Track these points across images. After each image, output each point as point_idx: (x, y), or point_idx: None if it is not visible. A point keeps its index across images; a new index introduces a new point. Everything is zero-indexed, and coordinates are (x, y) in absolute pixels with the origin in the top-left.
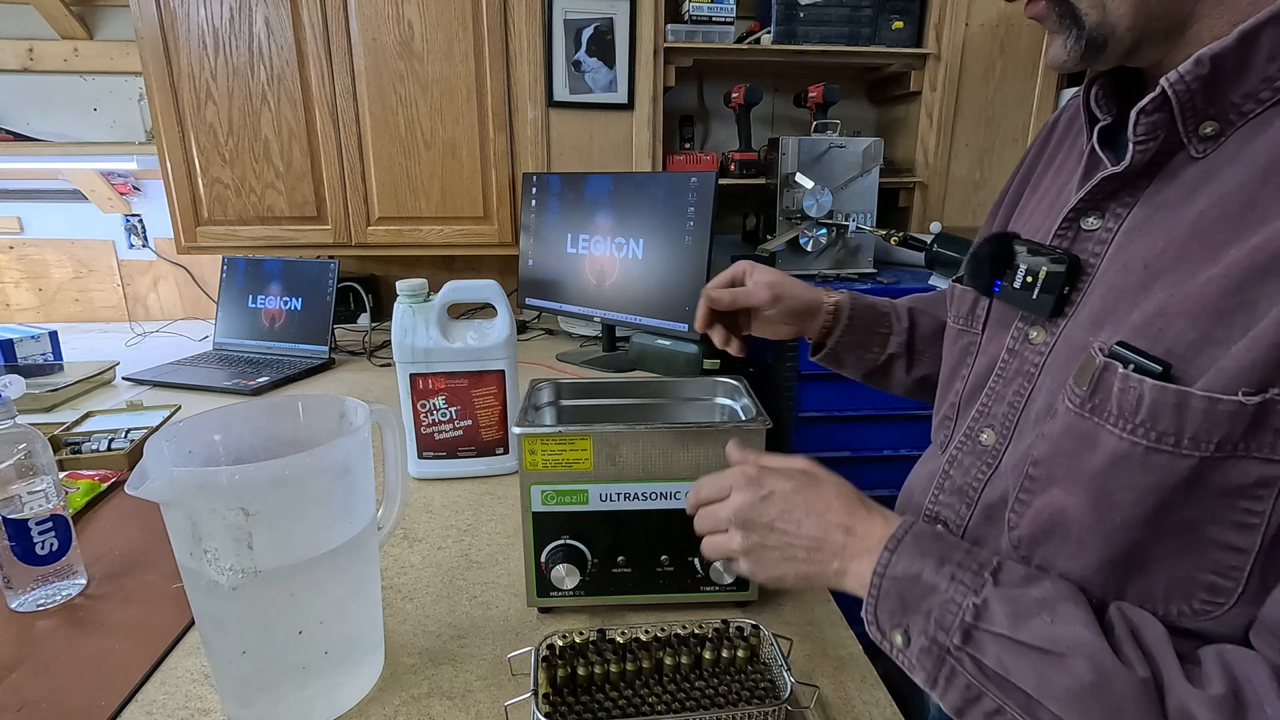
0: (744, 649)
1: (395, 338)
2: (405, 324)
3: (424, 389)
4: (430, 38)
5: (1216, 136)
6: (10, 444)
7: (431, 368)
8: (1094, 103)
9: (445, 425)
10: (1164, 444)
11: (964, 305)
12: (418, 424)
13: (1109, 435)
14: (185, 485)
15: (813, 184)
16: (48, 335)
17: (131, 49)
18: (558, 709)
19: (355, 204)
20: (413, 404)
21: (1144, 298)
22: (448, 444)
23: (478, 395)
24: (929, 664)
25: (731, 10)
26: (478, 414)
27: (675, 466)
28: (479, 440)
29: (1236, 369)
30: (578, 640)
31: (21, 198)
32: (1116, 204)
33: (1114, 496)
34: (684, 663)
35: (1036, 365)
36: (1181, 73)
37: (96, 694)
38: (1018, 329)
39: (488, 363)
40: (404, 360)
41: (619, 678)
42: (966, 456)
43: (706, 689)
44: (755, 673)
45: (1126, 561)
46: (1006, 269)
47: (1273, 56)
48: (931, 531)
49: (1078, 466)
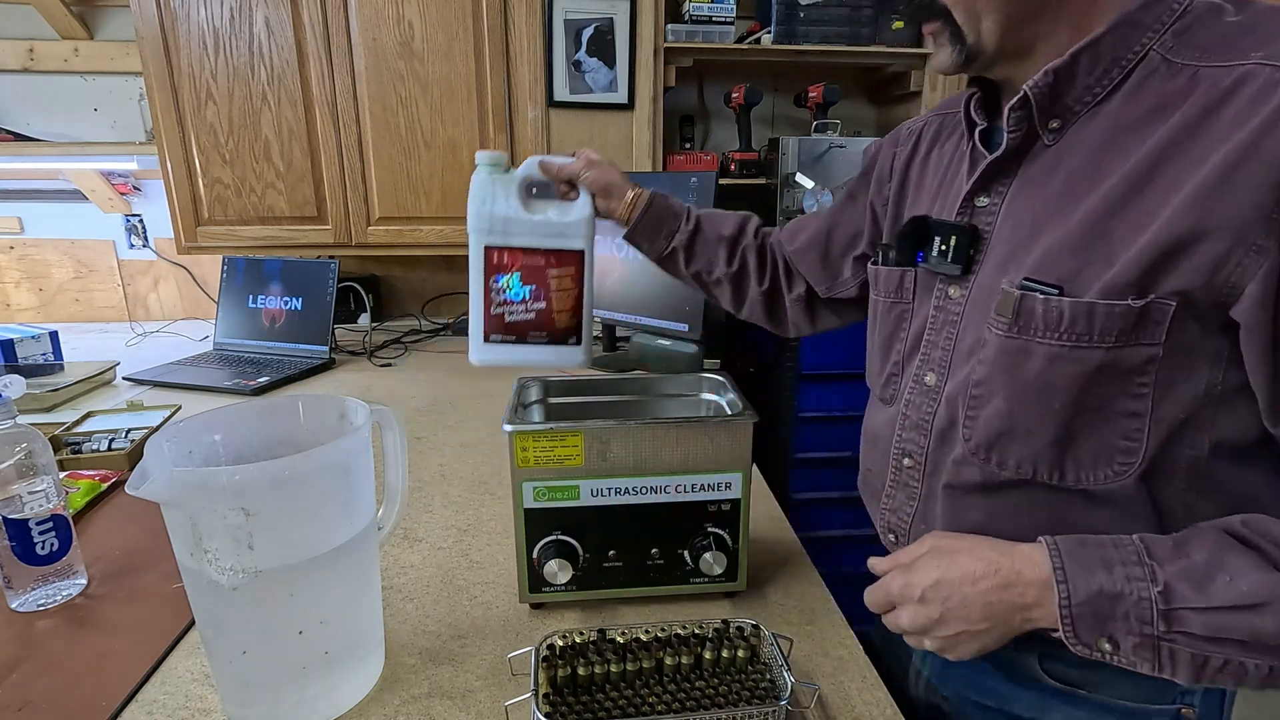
0: (744, 649)
1: (473, 206)
2: (484, 191)
3: (498, 263)
4: (430, 38)
5: (1060, 129)
6: (11, 444)
7: (508, 240)
8: (973, 112)
9: (517, 306)
10: (1082, 341)
11: (892, 281)
12: (487, 303)
13: (1039, 346)
14: (185, 485)
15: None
16: (48, 335)
17: (132, 49)
18: (558, 709)
19: (355, 204)
20: (485, 280)
21: (1034, 245)
22: (518, 327)
23: (554, 276)
24: (1148, 654)
25: (731, 10)
26: (553, 297)
27: (665, 461)
28: (551, 326)
29: (1123, 283)
30: (578, 640)
31: (22, 198)
32: (998, 184)
33: (1053, 387)
34: (684, 662)
35: (958, 314)
36: (1036, 81)
37: (96, 694)
38: (939, 290)
39: (568, 240)
40: (480, 229)
41: (619, 678)
42: (917, 397)
43: (707, 689)
44: (755, 673)
45: (1065, 439)
46: (926, 244)
47: (1090, 70)
48: (1071, 540)
49: (1017, 375)
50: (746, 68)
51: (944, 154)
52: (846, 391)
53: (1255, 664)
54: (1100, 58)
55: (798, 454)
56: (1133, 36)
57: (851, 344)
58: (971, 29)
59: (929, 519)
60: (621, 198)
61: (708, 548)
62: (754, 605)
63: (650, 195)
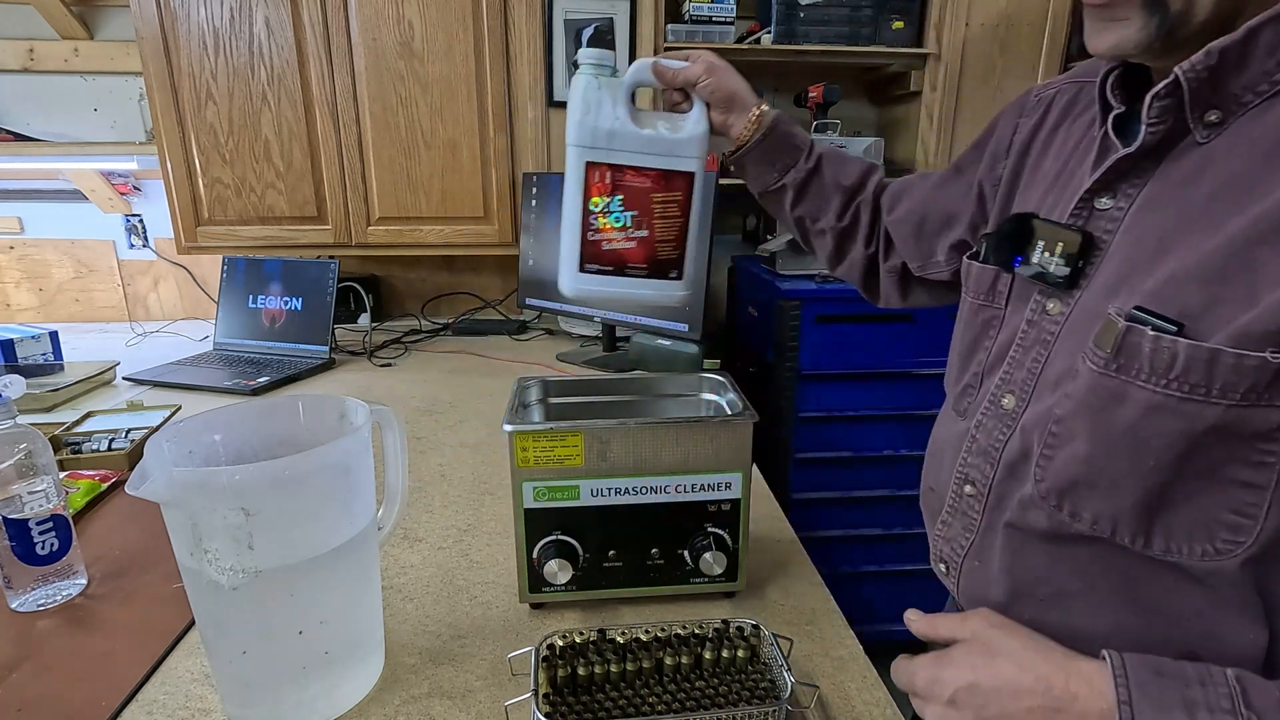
0: (744, 649)
1: (574, 115)
2: (589, 98)
3: (600, 183)
4: (430, 38)
5: (1219, 124)
6: (11, 444)
7: (612, 157)
8: (1109, 92)
9: (617, 234)
10: (1196, 394)
11: (984, 282)
12: (585, 227)
13: (1139, 390)
14: (185, 485)
15: None
16: (48, 335)
17: (132, 49)
18: (558, 709)
19: (355, 204)
20: (583, 201)
21: (1157, 267)
22: (616, 257)
23: (659, 201)
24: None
25: (731, 10)
26: (656, 224)
27: (665, 461)
28: (653, 257)
29: (1263, 331)
30: (578, 640)
31: (22, 198)
32: (1127, 185)
33: (1148, 443)
34: (684, 662)
35: (1053, 334)
36: (1193, 62)
37: (96, 694)
38: (1035, 301)
39: (679, 160)
40: (582, 143)
41: (619, 678)
42: (989, 420)
43: (706, 689)
44: (755, 673)
45: (1156, 502)
46: (1026, 246)
47: (1270, 52)
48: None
49: (1107, 420)
50: (746, 68)
51: (1072, 133)
52: (846, 391)
53: None
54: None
55: (798, 454)
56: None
57: (851, 344)
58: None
59: (985, 557)
60: (744, 113)
61: (708, 548)
62: (754, 605)
63: (775, 117)
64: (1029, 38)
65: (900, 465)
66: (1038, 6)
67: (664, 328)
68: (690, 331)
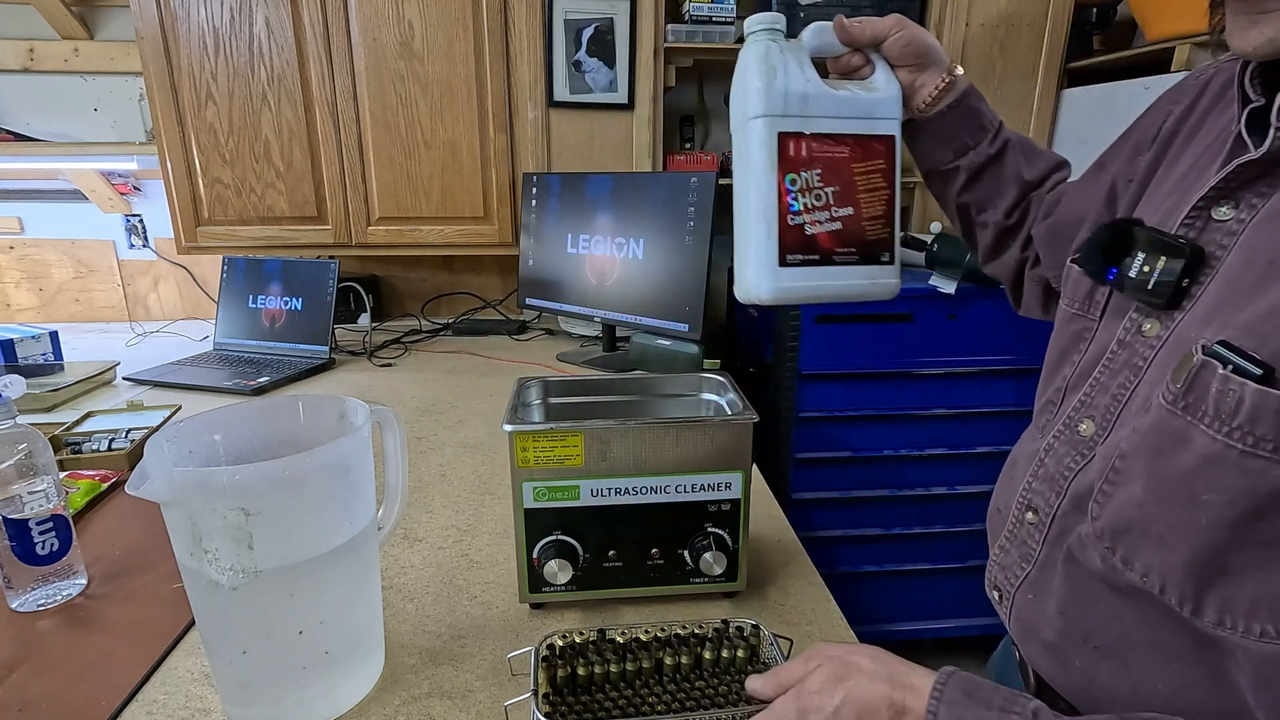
0: (744, 649)
1: (758, 82)
2: (772, 61)
3: (797, 156)
4: (430, 38)
5: None
6: (11, 444)
7: (808, 125)
8: (1248, 82)
9: (820, 214)
10: (1261, 449)
11: (1081, 289)
12: (783, 211)
13: (1202, 436)
14: (185, 485)
15: None
16: (48, 335)
17: (132, 49)
18: (557, 709)
19: (355, 204)
20: (779, 180)
21: (1259, 295)
22: (823, 242)
23: (861, 172)
24: None
25: (732, 10)
26: (860, 199)
27: (665, 461)
28: (861, 238)
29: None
30: (578, 640)
31: (22, 198)
32: (1253, 194)
33: (1201, 497)
34: (684, 662)
35: (1145, 359)
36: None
37: (96, 694)
38: (1131, 319)
39: (877, 123)
40: (772, 110)
41: (619, 677)
42: (1062, 445)
43: (706, 689)
44: (755, 673)
45: (1210, 567)
46: (1124, 256)
47: None
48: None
49: (1166, 464)
50: None
51: (1216, 124)
52: (846, 391)
53: None
54: None
55: (798, 454)
56: None
57: (851, 344)
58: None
59: (1041, 591)
60: (936, 73)
61: (708, 548)
62: (754, 605)
63: (967, 85)
64: (1029, 38)
65: (900, 465)
66: (1038, 6)
67: (664, 328)
68: (690, 331)
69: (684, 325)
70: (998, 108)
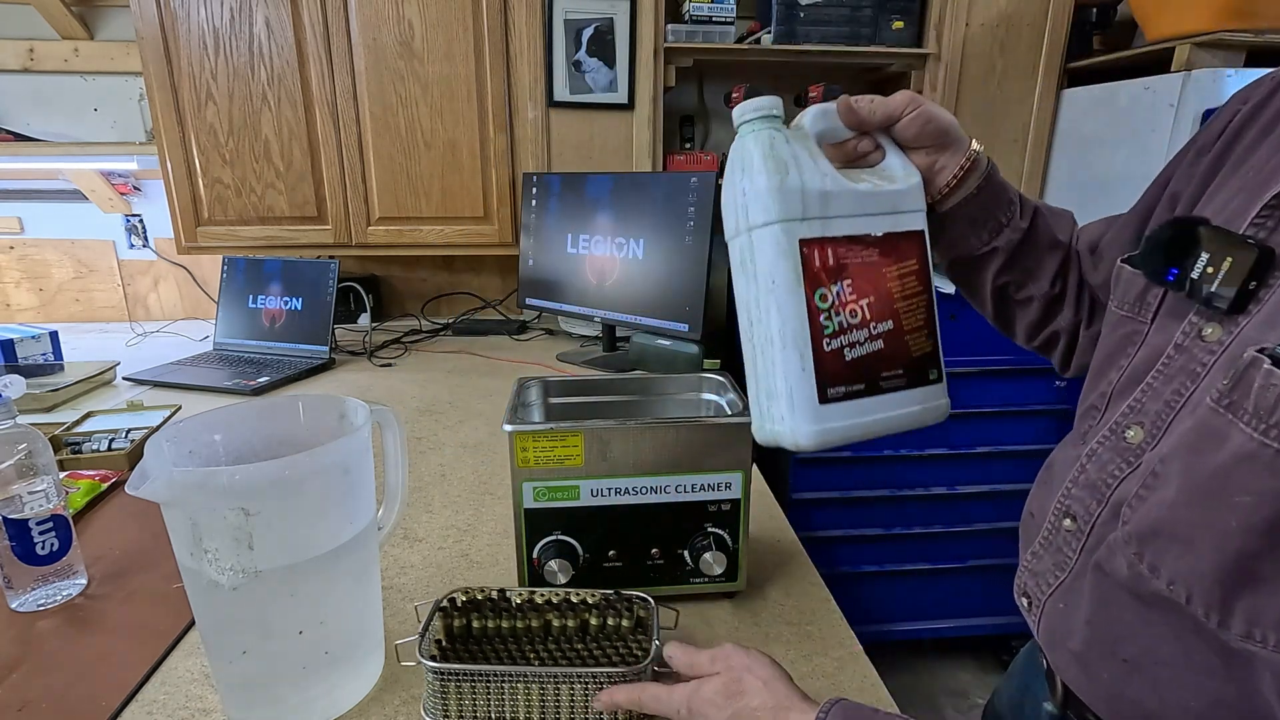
0: (629, 619)
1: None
2: (780, 155)
3: (824, 266)
4: (430, 38)
5: None
6: (11, 444)
7: (830, 228)
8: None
9: (858, 331)
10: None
11: (1132, 290)
12: (816, 334)
13: (1239, 433)
14: (185, 485)
15: None
16: (48, 335)
17: (132, 49)
18: (445, 652)
19: (355, 204)
20: (808, 298)
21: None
22: (866, 367)
23: (896, 275)
24: None
25: (732, 10)
26: (899, 310)
27: (665, 461)
28: (906, 355)
29: None
30: (479, 597)
31: (22, 198)
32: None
33: (1231, 499)
34: (570, 625)
35: (1204, 365)
36: None
37: (96, 694)
38: (1190, 323)
39: (905, 218)
40: (790, 215)
41: (509, 633)
42: (1107, 452)
43: (584, 650)
44: (635, 640)
45: (1238, 574)
46: (1185, 256)
47: None
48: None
49: (1201, 463)
50: (746, 68)
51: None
52: None
53: None
54: None
55: (797, 454)
56: None
57: None
58: None
59: (1072, 601)
60: (957, 154)
61: (708, 548)
62: (754, 605)
63: (989, 163)
64: (1029, 38)
65: (900, 465)
66: (1038, 6)
67: (664, 328)
68: (690, 331)
69: (684, 325)
70: (998, 107)
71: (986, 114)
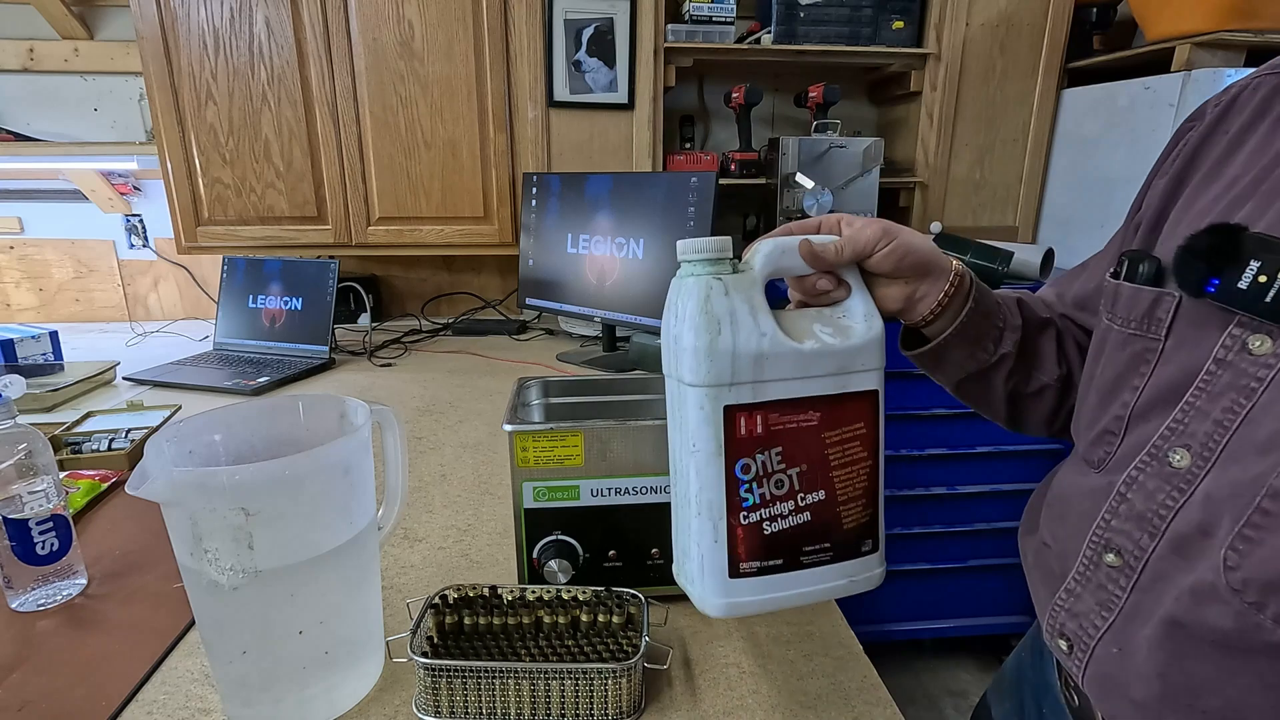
0: (619, 615)
1: (692, 340)
2: (715, 310)
3: (750, 435)
4: (430, 38)
5: None
6: (11, 444)
7: (763, 392)
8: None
9: (783, 504)
10: None
11: (1137, 307)
12: (733, 507)
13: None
14: (185, 485)
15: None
16: (48, 335)
17: (132, 49)
18: (435, 649)
19: (355, 204)
20: (725, 469)
21: None
22: (786, 542)
23: (835, 442)
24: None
25: (731, 10)
26: (835, 477)
27: (665, 461)
28: (837, 528)
29: None
30: (470, 594)
31: (22, 198)
32: None
33: None
34: (561, 622)
35: (1261, 380)
36: None
37: (96, 694)
38: (1233, 336)
39: (855, 377)
40: (718, 381)
41: (500, 630)
42: (1150, 479)
43: (574, 646)
44: (625, 637)
45: None
46: (1230, 265)
47: None
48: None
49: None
50: (746, 68)
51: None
52: None
53: None
54: None
55: None
56: None
57: None
58: None
59: (1128, 646)
60: (938, 280)
61: None
62: None
63: (972, 279)
64: (1029, 38)
65: (900, 466)
66: (1038, 6)
67: None
68: None
69: None
70: (998, 107)
71: (986, 114)
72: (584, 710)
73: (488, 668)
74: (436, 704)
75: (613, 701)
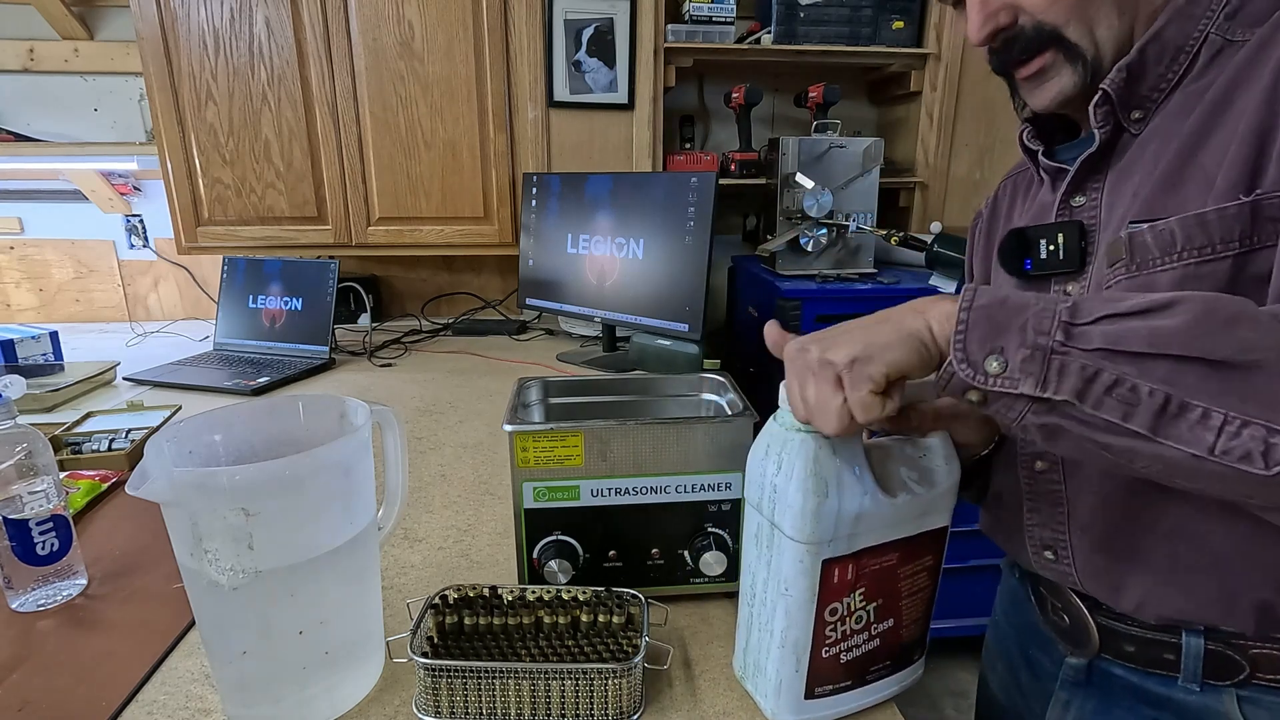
0: (620, 615)
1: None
2: (822, 472)
3: (842, 582)
4: (430, 38)
5: (1143, 119)
6: (11, 444)
7: (854, 544)
8: (1027, 141)
9: (859, 635)
10: (1205, 254)
11: None
12: (817, 644)
13: (1162, 275)
14: (185, 485)
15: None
16: (48, 335)
17: (132, 49)
18: (436, 649)
19: (355, 204)
20: (817, 613)
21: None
22: (857, 665)
23: (908, 575)
24: (1034, 369)
25: (731, 10)
26: (903, 606)
27: (665, 461)
28: (896, 647)
29: (1226, 187)
30: (470, 594)
31: (22, 198)
32: (1091, 182)
33: None
34: (561, 622)
35: None
36: (1111, 78)
37: (96, 694)
38: (1055, 290)
39: (931, 519)
40: (820, 539)
41: (500, 630)
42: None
43: (574, 646)
44: (625, 637)
45: None
46: (1030, 251)
47: (1158, 60)
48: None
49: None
50: (746, 68)
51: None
52: None
53: (1149, 389)
54: (1166, 48)
55: None
56: (1188, 26)
57: None
58: (1089, 41)
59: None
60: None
61: (708, 548)
62: None
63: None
64: None
65: None
66: None
67: (664, 328)
68: (690, 331)
69: (684, 325)
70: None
71: (986, 114)
72: (584, 710)
73: (488, 668)
74: (436, 704)
75: (613, 702)
